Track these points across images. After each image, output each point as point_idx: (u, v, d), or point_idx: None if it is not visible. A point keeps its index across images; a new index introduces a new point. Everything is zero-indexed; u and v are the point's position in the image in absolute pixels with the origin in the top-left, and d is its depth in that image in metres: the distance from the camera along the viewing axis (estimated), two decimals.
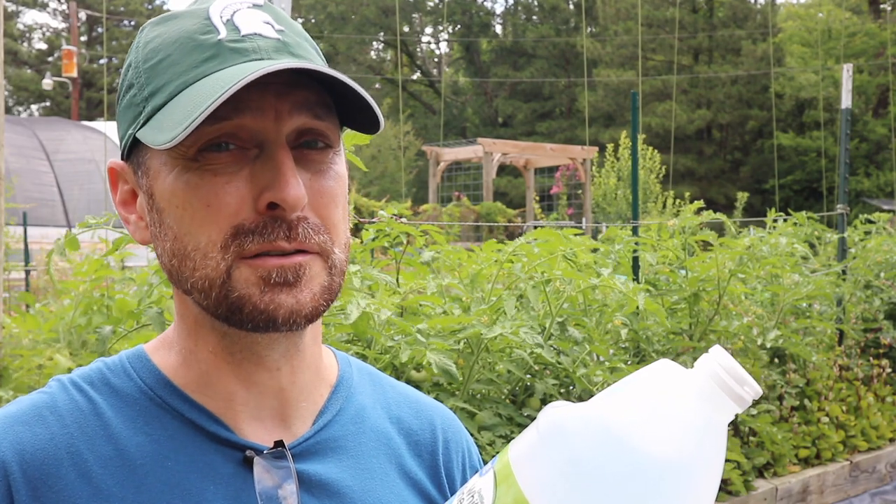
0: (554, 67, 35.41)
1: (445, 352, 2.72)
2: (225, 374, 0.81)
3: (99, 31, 36.06)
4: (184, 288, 0.79)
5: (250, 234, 0.74)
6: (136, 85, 0.79)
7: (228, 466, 0.79)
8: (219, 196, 0.75)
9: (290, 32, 0.80)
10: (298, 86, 0.76)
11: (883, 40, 27.02)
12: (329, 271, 0.78)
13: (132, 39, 4.70)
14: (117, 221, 2.46)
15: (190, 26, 0.78)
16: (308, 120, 0.77)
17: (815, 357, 4.70)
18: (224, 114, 0.73)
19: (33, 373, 3.01)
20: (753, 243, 4.68)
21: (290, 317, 0.76)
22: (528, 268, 3.36)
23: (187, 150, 0.75)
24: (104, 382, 0.82)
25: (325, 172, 0.79)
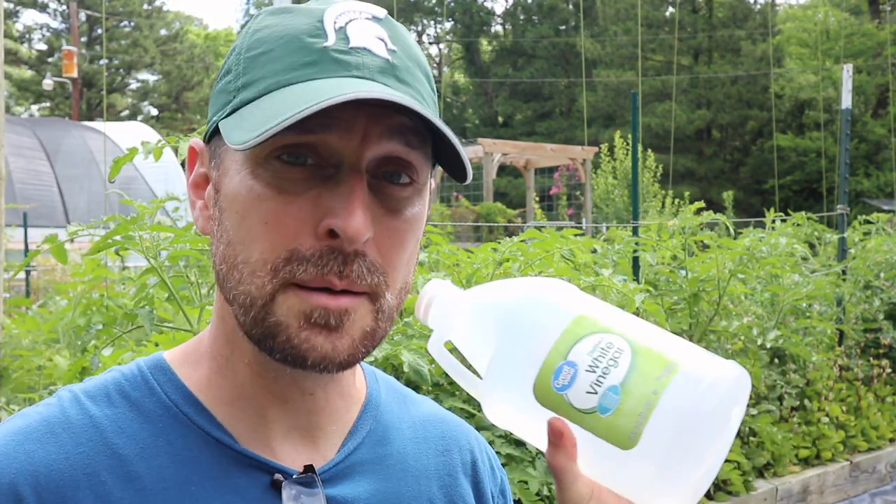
0: (554, 67, 35.41)
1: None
2: (259, 388, 0.78)
3: (99, 31, 36.06)
4: (227, 296, 0.75)
5: (304, 263, 0.70)
6: (234, 72, 0.75)
7: (256, 490, 0.75)
8: (278, 216, 0.70)
9: (403, 54, 0.75)
10: (395, 110, 0.71)
11: (881, 40, 27.02)
12: (375, 316, 0.73)
13: (132, 39, 4.75)
14: (107, 226, 2.45)
15: (301, 25, 0.73)
16: (398, 147, 0.72)
17: (815, 357, 4.70)
18: (311, 127, 0.69)
19: (33, 373, 3.01)
20: (753, 244, 4.68)
21: (322, 362, 0.72)
22: (524, 267, 3.36)
23: (261, 151, 0.71)
24: (122, 395, 0.77)
25: (400, 212, 0.74)
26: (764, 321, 4.71)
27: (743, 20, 32.24)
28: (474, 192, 18.31)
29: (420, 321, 0.75)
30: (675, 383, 0.65)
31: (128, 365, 0.81)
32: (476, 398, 0.75)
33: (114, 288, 2.84)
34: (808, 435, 4.83)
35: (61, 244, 2.47)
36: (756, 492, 4.29)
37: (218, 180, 0.76)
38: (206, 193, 0.79)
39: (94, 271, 2.76)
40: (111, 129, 17.98)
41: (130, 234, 2.38)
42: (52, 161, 18.50)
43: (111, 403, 0.76)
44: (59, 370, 2.67)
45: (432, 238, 3.51)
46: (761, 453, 4.43)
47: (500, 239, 4.84)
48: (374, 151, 0.71)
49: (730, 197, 14.94)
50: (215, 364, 0.79)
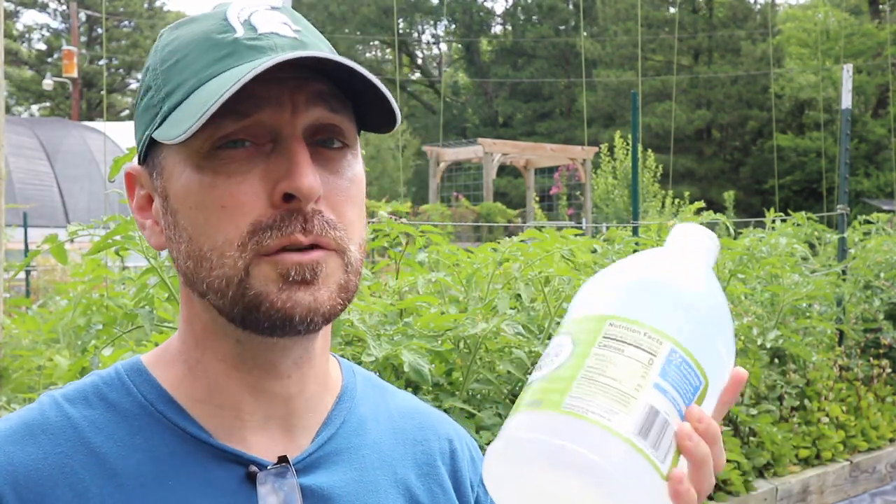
0: (554, 67, 35.41)
1: (434, 352, 2.72)
2: (234, 383, 0.80)
3: (99, 31, 36.06)
4: (199, 290, 0.77)
5: (268, 230, 0.73)
6: (154, 87, 0.78)
7: (232, 482, 0.77)
8: (234, 196, 0.74)
9: (307, 32, 0.79)
10: (314, 80, 0.76)
11: (881, 40, 27.02)
12: (345, 269, 0.77)
13: (132, 40, 4.75)
14: (106, 226, 2.45)
15: (208, 27, 0.78)
16: (324, 112, 0.76)
17: (815, 357, 4.70)
18: (244, 109, 0.73)
19: (33, 374, 3.01)
20: (753, 243, 4.68)
21: (308, 315, 0.74)
22: (524, 267, 3.36)
23: (201, 147, 0.74)
24: (100, 397, 0.79)
25: (341, 172, 0.78)
26: (764, 321, 4.71)
27: (743, 20, 32.24)
28: (474, 192, 18.31)
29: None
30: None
31: (107, 369, 0.83)
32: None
33: (114, 288, 2.84)
34: (808, 435, 4.83)
35: (61, 244, 2.47)
36: (756, 492, 4.29)
37: (164, 187, 0.78)
38: (154, 209, 0.81)
39: (94, 271, 2.76)
40: (111, 129, 17.96)
41: (130, 234, 2.38)
42: (52, 161, 18.51)
43: (89, 405, 0.79)
44: (59, 370, 2.67)
45: (432, 238, 3.51)
46: (761, 453, 4.44)
47: (500, 239, 4.85)
48: (305, 119, 0.75)
49: (730, 197, 14.97)
50: (187, 367, 0.81)
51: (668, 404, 0.61)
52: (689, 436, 0.61)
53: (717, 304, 0.67)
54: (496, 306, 3.09)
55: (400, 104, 7.95)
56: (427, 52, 41.93)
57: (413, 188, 31.40)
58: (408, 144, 30.68)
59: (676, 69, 28.63)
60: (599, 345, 0.63)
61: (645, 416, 0.60)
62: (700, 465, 0.62)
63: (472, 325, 2.83)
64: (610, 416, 0.59)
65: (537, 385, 0.63)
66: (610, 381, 0.61)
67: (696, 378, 0.63)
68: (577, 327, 0.65)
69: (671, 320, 0.64)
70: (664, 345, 0.62)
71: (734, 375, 0.67)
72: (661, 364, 0.62)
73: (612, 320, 0.64)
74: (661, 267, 0.68)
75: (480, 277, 3.44)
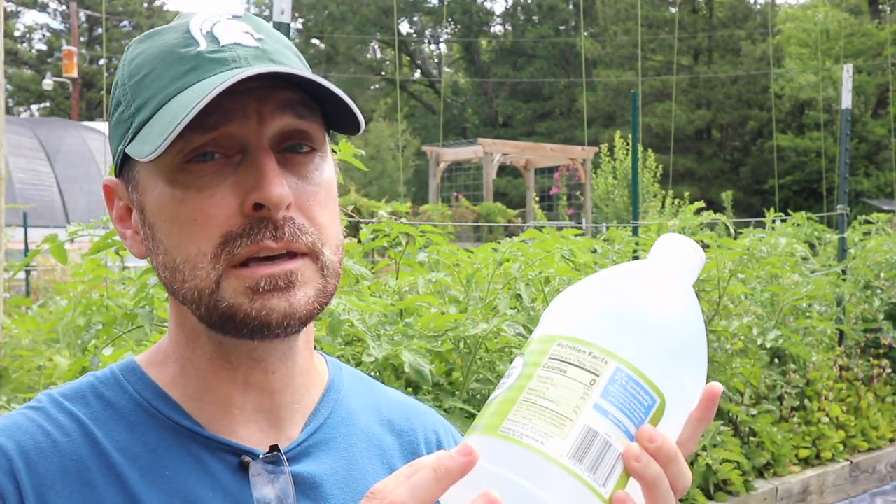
0: (554, 68, 35.41)
1: (434, 352, 2.71)
2: (222, 380, 0.82)
3: (99, 31, 36.05)
4: (178, 299, 0.79)
5: (238, 239, 0.75)
6: (124, 102, 0.80)
7: (225, 472, 0.79)
8: (204, 210, 0.75)
9: (270, 40, 0.80)
10: (280, 89, 0.77)
11: (881, 40, 27.02)
12: (321, 273, 0.78)
13: (132, 40, 4.67)
14: (106, 226, 2.45)
15: (171, 40, 0.79)
16: (291, 120, 0.77)
17: (815, 357, 4.70)
18: (212, 123, 0.74)
19: (33, 374, 3.01)
20: (753, 243, 4.67)
21: (284, 320, 0.76)
22: (524, 267, 3.36)
23: (172, 161, 0.75)
24: (96, 395, 0.82)
25: (310, 176, 0.79)
26: (764, 321, 4.70)
27: (743, 20, 32.24)
28: (474, 192, 18.31)
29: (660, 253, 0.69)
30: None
31: (101, 370, 0.86)
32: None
33: (114, 288, 2.84)
34: (808, 435, 4.83)
35: (61, 244, 2.47)
36: (756, 492, 4.29)
37: (140, 201, 0.80)
38: (133, 220, 0.83)
39: (94, 271, 2.76)
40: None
41: None
42: (52, 161, 18.50)
43: (86, 403, 0.81)
44: (59, 370, 2.67)
45: (432, 238, 3.51)
46: (761, 453, 4.43)
47: (500, 239, 4.85)
48: (272, 128, 0.76)
49: (729, 197, 14.99)
50: (178, 366, 0.83)
51: (610, 425, 0.59)
52: (637, 457, 0.59)
53: (685, 321, 0.64)
54: (496, 306, 3.09)
55: (400, 104, 7.97)
56: (427, 52, 41.94)
57: (413, 188, 31.40)
58: (408, 144, 30.67)
59: (676, 69, 28.62)
60: (544, 366, 0.61)
61: (581, 438, 0.58)
62: (652, 486, 0.59)
63: (472, 326, 2.83)
64: (544, 441, 0.58)
65: (487, 406, 0.62)
66: (548, 404, 0.59)
67: (647, 397, 0.61)
68: (530, 348, 0.64)
69: (622, 338, 0.61)
70: (609, 364, 0.60)
71: (707, 391, 0.65)
72: (603, 384, 0.60)
73: (560, 340, 0.62)
74: (627, 284, 0.66)
75: (480, 277, 3.43)
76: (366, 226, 3.15)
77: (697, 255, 0.68)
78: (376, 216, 3.21)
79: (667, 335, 0.63)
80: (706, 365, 0.66)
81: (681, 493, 0.63)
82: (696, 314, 0.66)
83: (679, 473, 0.61)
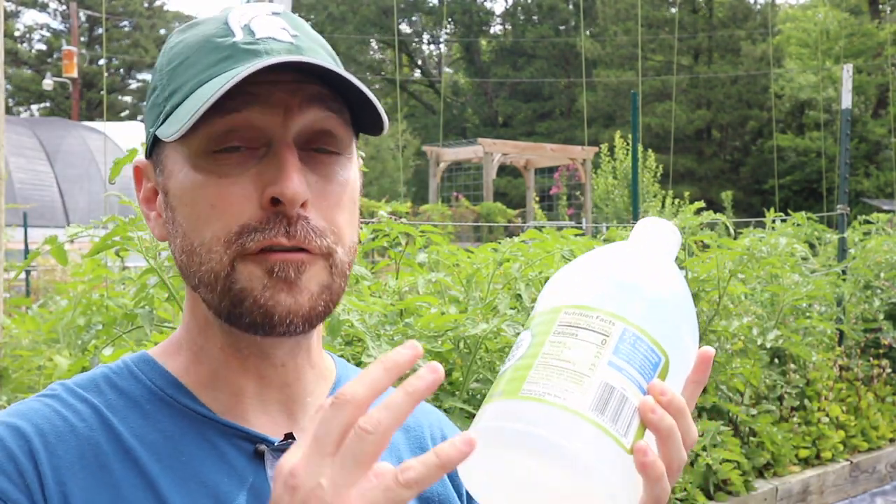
0: (554, 67, 35.41)
1: (434, 352, 2.71)
2: (234, 370, 0.83)
3: (99, 31, 36.05)
4: (192, 283, 0.81)
5: (253, 232, 0.76)
6: (159, 87, 0.82)
7: (241, 459, 0.81)
8: (223, 197, 0.77)
9: (305, 38, 0.82)
10: (309, 83, 0.78)
11: (881, 40, 27.02)
12: (330, 271, 0.79)
13: (132, 40, 4.74)
14: (106, 226, 2.45)
15: (209, 30, 0.81)
16: (319, 113, 0.78)
17: (815, 357, 4.70)
18: (234, 106, 0.75)
19: (33, 374, 3.01)
20: (753, 244, 4.67)
21: (287, 316, 0.77)
22: (524, 267, 3.36)
23: (199, 147, 0.78)
24: (110, 384, 0.83)
25: (332, 176, 0.80)
26: (764, 321, 4.70)
27: (743, 20, 32.24)
28: (474, 192, 18.31)
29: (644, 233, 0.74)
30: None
31: (115, 362, 0.87)
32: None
33: (114, 288, 2.84)
34: (808, 435, 4.83)
35: (61, 245, 2.47)
36: (756, 492, 4.29)
37: (164, 184, 0.82)
38: (158, 202, 0.85)
39: (94, 271, 2.76)
40: (111, 129, 17.96)
41: (130, 234, 2.38)
42: (52, 161, 18.50)
43: (100, 392, 0.82)
44: (59, 370, 2.67)
45: (432, 238, 3.51)
46: (761, 453, 4.43)
47: (500, 239, 4.85)
48: (298, 122, 0.78)
49: (729, 197, 14.98)
50: (191, 353, 0.85)
51: (625, 380, 0.62)
52: (652, 409, 0.62)
53: (676, 289, 0.69)
54: (496, 307, 3.09)
55: (400, 104, 7.97)
56: (427, 52, 41.94)
57: (413, 188, 31.40)
58: (408, 144, 30.68)
59: (676, 69, 28.62)
60: (555, 332, 0.65)
61: (601, 392, 0.61)
62: (666, 438, 0.63)
63: (472, 326, 2.83)
64: (565, 396, 0.60)
65: (500, 378, 0.65)
66: (564, 364, 0.62)
67: (654, 355, 0.64)
68: (536, 321, 0.67)
69: (624, 303, 0.65)
70: (616, 325, 0.64)
71: (701, 354, 0.69)
72: (614, 343, 0.63)
73: (566, 309, 0.66)
74: (618, 257, 0.70)
75: (480, 278, 3.43)
76: (366, 226, 3.15)
77: (675, 234, 0.74)
78: (376, 216, 3.21)
79: (663, 300, 0.67)
80: (697, 330, 0.71)
81: (689, 448, 0.66)
82: (684, 283, 0.70)
83: (688, 427, 0.65)
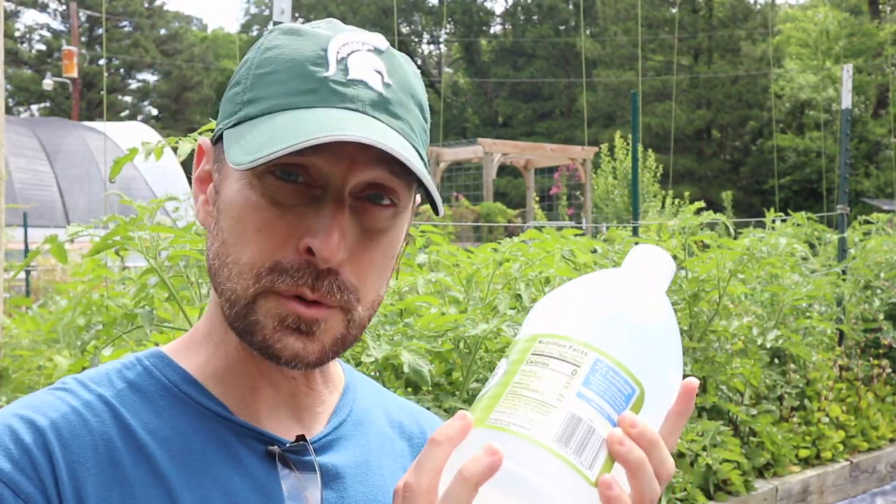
0: (554, 67, 35.42)
1: (434, 352, 2.71)
2: (250, 367, 0.84)
3: (99, 31, 36.04)
4: (216, 289, 0.82)
5: (283, 274, 0.77)
6: (242, 85, 0.81)
7: (252, 458, 0.81)
8: (269, 226, 0.77)
9: (397, 87, 0.80)
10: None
11: (881, 40, 27.02)
12: (346, 324, 0.80)
13: (132, 40, 4.73)
14: (106, 226, 2.45)
15: (307, 51, 0.79)
16: (382, 174, 0.77)
17: (815, 357, 4.70)
18: (303, 151, 0.74)
19: (33, 373, 3.01)
20: (753, 244, 4.67)
21: (293, 360, 0.78)
22: (524, 267, 3.36)
23: (256, 168, 0.77)
24: (123, 379, 0.83)
25: (377, 232, 0.80)
26: (764, 321, 4.70)
27: (743, 20, 32.24)
28: (474, 192, 18.31)
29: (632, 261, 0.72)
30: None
31: (126, 357, 0.87)
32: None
33: (114, 288, 2.84)
34: (808, 435, 4.83)
35: (61, 245, 2.46)
36: (756, 492, 4.29)
37: (219, 183, 0.83)
38: (209, 190, 0.85)
39: (94, 271, 2.76)
40: (111, 129, 17.96)
41: (130, 234, 2.38)
42: (52, 161, 18.50)
43: (113, 386, 0.82)
44: (59, 370, 2.67)
45: (432, 238, 3.51)
46: (761, 453, 4.43)
47: (500, 239, 4.85)
48: (359, 177, 0.77)
49: (729, 197, 14.98)
50: (211, 345, 0.85)
51: (593, 411, 0.61)
52: (620, 440, 0.61)
53: (660, 319, 0.67)
54: (496, 307, 3.10)
55: None
56: (427, 52, 41.93)
57: None
58: None
59: (676, 69, 28.62)
60: (527, 361, 0.64)
61: (566, 423, 0.60)
62: (636, 471, 0.61)
63: (472, 326, 2.83)
64: (530, 427, 0.60)
65: (475, 404, 0.65)
66: (532, 394, 0.61)
67: (627, 386, 0.63)
68: (514, 348, 0.67)
69: (601, 333, 0.64)
70: (589, 355, 0.63)
71: (685, 385, 0.67)
72: (584, 374, 0.62)
73: (542, 338, 0.65)
74: (605, 287, 0.69)
75: (480, 278, 3.44)
76: None
77: (669, 264, 0.72)
78: None
79: (644, 331, 0.66)
80: (681, 363, 0.69)
81: (665, 482, 0.64)
82: (671, 314, 0.69)
83: (662, 459, 0.63)
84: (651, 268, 0.71)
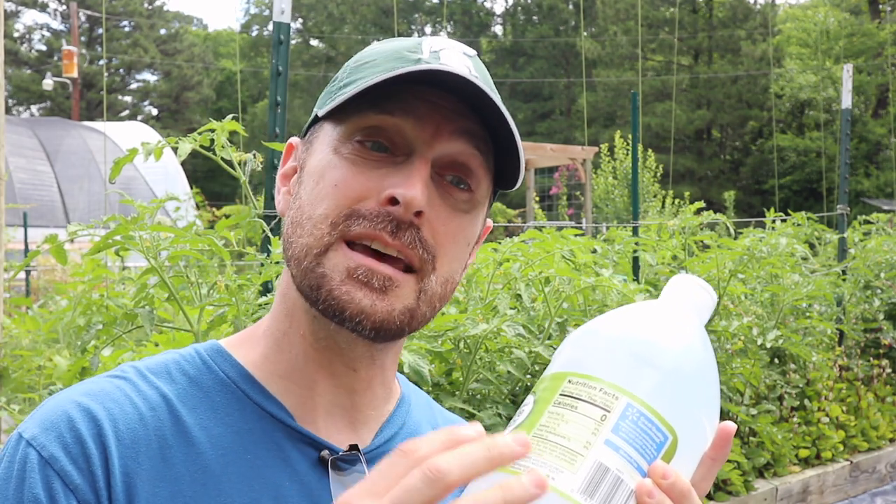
0: (554, 68, 35.42)
1: (434, 352, 2.71)
2: (310, 361, 0.84)
3: (99, 31, 36.05)
4: (287, 258, 0.82)
5: (361, 219, 0.77)
6: (339, 78, 0.86)
7: (304, 463, 0.81)
8: (347, 181, 0.78)
9: (483, 80, 0.83)
10: (466, 119, 0.80)
11: (881, 40, 27.02)
12: (417, 296, 0.79)
13: (132, 40, 4.74)
14: (106, 226, 2.45)
15: (402, 45, 0.84)
16: (466, 147, 0.80)
17: (815, 357, 4.70)
18: (390, 108, 0.78)
19: (33, 374, 3.01)
20: (753, 244, 4.67)
21: (358, 315, 0.77)
22: (524, 267, 3.36)
23: (345, 133, 0.80)
24: (182, 372, 0.83)
25: (456, 208, 0.81)
26: (764, 321, 4.70)
27: (743, 20, 32.23)
28: None
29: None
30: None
31: (184, 348, 0.87)
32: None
33: (114, 288, 2.84)
34: (808, 435, 4.83)
35: (61, 245, 2.46)
36: (756, 492, 4.29)
37: (304, 160, 0.85)
38: (292, 182, 0.88)
39: (94, 271, 2.76)
40: (111, 129, 17.96)
41: (130, 234, 2.38)
42: (52, 161, 18.50)
43: (172, 380, 0.82)
44: (59, 370, 2.67)
45: None
46: (761, 453, 4.43)
47: (500, 239, 4.85)
48: (443, 147, 0.79)
49: (730, 197, 14.99)
50: (273, 340, 0.85)
51: (621, 461, 0.59)
52: (650, 492, 0.59)
53: (696, 360, 0.65)
54: (496, 306, 3.10)
55: None
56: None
57: None
58: None
59: (676, 69, 28.62)
60: (555, 402, 0.61)
61: (593, 473, 0.58)
62: None
63: (472, 326, 2.83)
64: (555, 476, 0.58)
65: None
66: (559, 440, 0.59)
67: (659, 434, 0.61)
68: (542, 386, 0.64)
69: (634, 375, 0.62)
70: (620, 400, 0.60)
71: (720, 431, 0.65)
72: (614, 420, 0.60)
73: (570, 377, 0.63)
74: (640, 323, 0.66)
75: (480, 278, 3.44)
76: None
77: (709, 296, 0.69)
78: None
79: (679, 373, 0.63)
80: (719, 405, 0.66)
81: None
82: (709, 354, 0.66)
83: None
84: (689, 301, 0.68)
